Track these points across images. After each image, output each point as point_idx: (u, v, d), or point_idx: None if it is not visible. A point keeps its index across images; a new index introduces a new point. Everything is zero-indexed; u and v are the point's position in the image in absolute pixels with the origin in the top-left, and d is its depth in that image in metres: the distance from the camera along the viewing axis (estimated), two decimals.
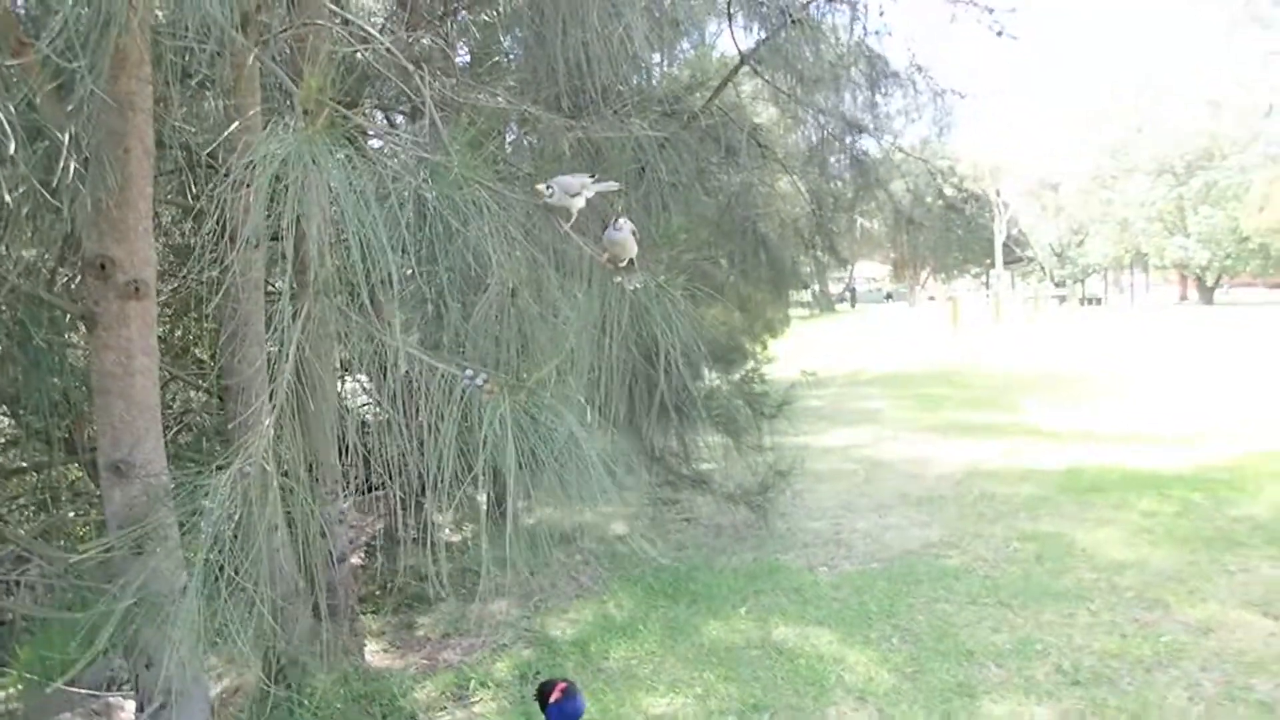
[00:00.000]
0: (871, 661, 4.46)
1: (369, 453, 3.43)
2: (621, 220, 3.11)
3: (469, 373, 2.60)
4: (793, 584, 5.64)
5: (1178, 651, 4.37)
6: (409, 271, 2.79)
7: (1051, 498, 7.38)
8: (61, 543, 4.65)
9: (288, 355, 2.54)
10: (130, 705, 4.02)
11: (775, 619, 5.08)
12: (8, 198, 2.45)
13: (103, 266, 3.00)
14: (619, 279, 3.07)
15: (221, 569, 2.44)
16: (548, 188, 2.95)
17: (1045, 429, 10.67)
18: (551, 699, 3.02)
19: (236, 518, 2.43)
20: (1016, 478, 8.18)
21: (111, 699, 4.32)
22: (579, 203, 3.01)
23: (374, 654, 4.96)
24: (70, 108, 2.59)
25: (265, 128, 3.69)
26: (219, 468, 2.47)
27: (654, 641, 4.87)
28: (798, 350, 9.14)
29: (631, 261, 3.07)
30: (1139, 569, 5.51)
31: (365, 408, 5.40)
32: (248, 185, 3.69)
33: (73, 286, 3.72)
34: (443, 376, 2.62)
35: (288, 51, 3.62)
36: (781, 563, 6.10)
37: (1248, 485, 7.27)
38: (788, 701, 4.12)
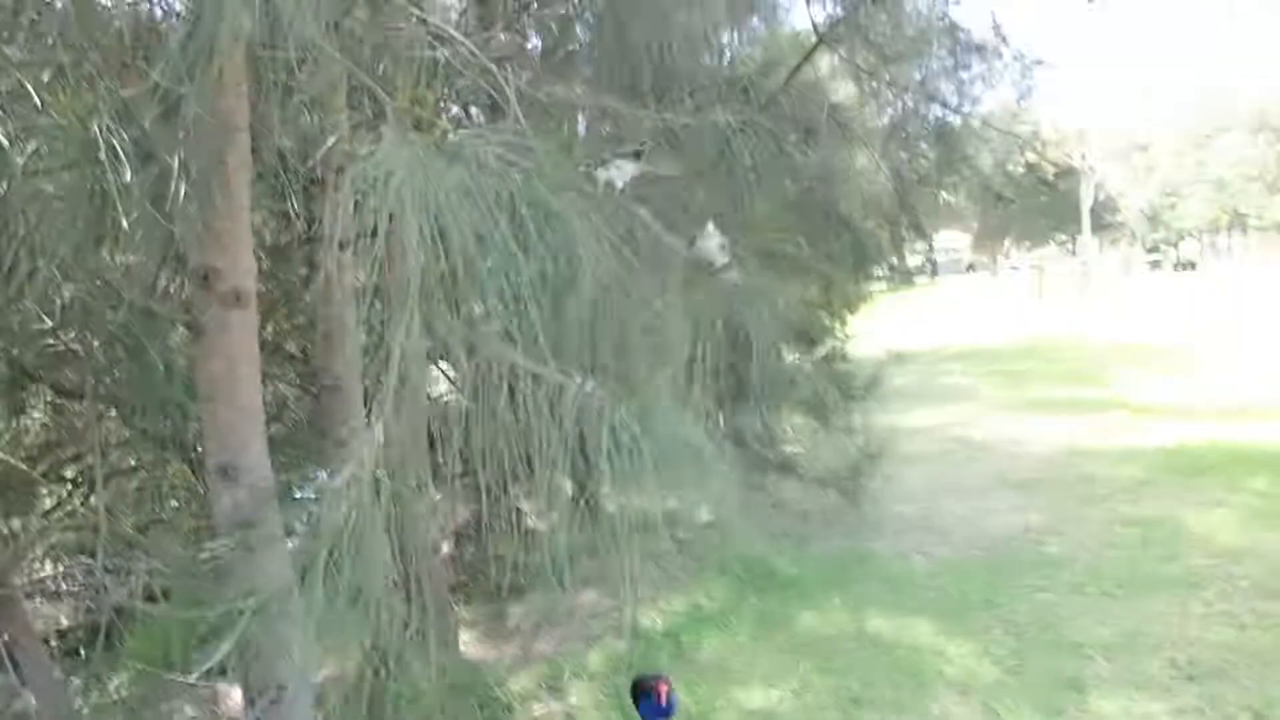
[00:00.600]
0: (972, 654, 4.36)
1: (461, 443, 3.46)
2: (709, 228, 3.11)
3: (579, 380, 2.60)
4: (886, 572, 5.55)
5: None
6: (503, 276, 2.79)
7: (1154, 478, 7.13)
8: (168, 539, 4.80)
9: (393, 363, 2.56)
10: (237, 692, 4.15)
11: (870, 609, 5.00)
12: (124, 222, 2.51)
13: (206, 277, 3.06)
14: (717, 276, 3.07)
15: (334, 567, 2.49)
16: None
17: (1141, 404, 10.32)
18: (657, 696, 3.01)
19: (349, 521, 2.47)
20: (1115, 457, 7.92)
21: (220, 687, 4.45)
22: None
23: (468, 644, 5.02)
24: (179, 132, 2.65)
25: (352, 133, 3.72)
26: (332, 473, 2.53)
27: (746, 633, 4.84)
28: (878, 326, 9.00)
29: (726, 265, 3.08)
30: (1255, 555, 5.28)
31: (451, 397, 5.45)
32: (335, 189, 3.73)
33: (178, 297, 3.82)
34: (549, 384, 2.62)
35: (369, 57, 3.64)
36: (874, 550, 6.01)
37: None
38: (887, 695, 4.05)
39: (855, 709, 3.96)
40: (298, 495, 4.93)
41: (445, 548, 6.03)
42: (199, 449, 3.81)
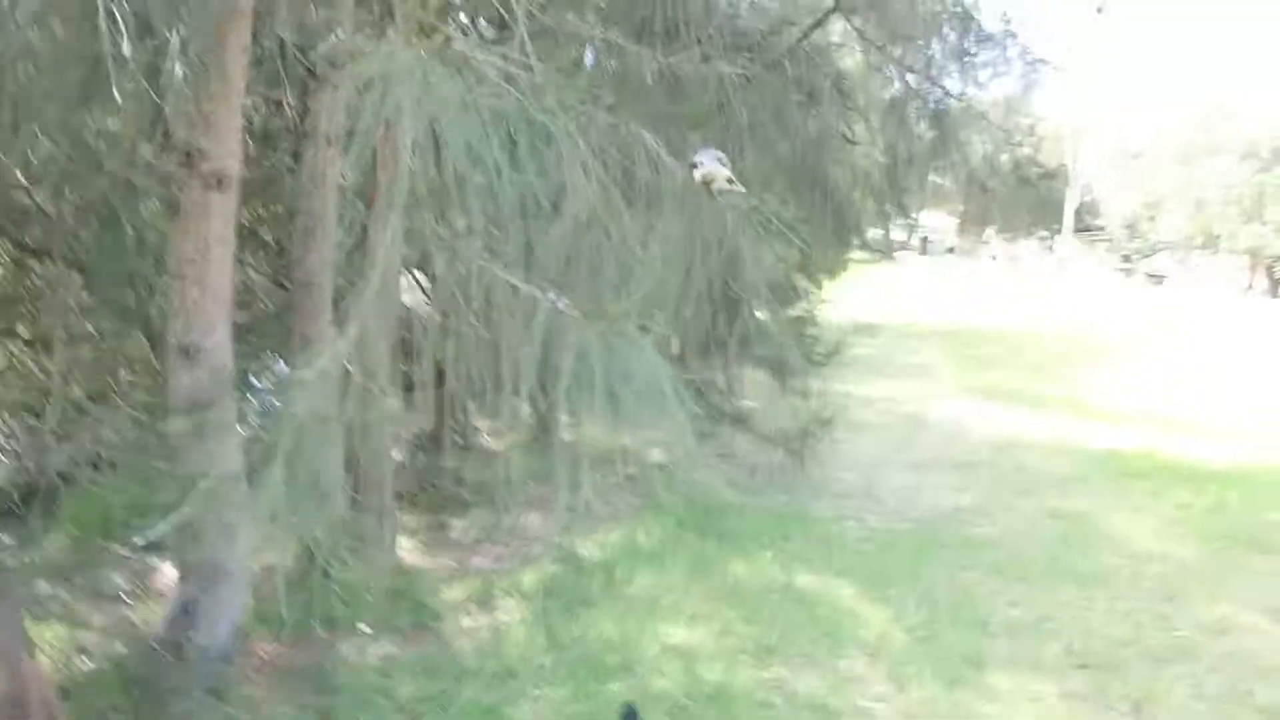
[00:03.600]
0: (887, 620, 4.55)
1: (430, 353, 3.53)
2: (698, 160, 3.14)
3: (551, 296, 2.65)
4: (820, 533, 5.72)
5: (1189, 648, 4.41)
6: (492, 192, 2.83)
7: (1088, 477, 7.37)
8: (120, 411, 4.82)
9: (375, 265, 2.61)
10: (171, 569, 4.21)
11: (799, 565, 5.17)
12: (116, 93, 2.51)
13: (190, 156, 3.09)
14: (724, 198, 3.10)
15: (290, 459, 2.54)
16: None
17: (1088, 404, 10.58)
18: None
19: (313, 413, 2.52)
20: (1056, 452, 8.16)
21: (154, 562, 4.49)
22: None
23: (407, 551, 5.12)
24: (179, 7, 2.65)
25: (358, 33, 3.71)
26: (295, 367, 2.58)
27: (678, 573, 4.99)
28: (852, 296, 9.16)
29: (729, 180, 3.10)
30: (1164, 560, 5.52)
31: (424, 306, 5.49)
32: (336, 87, 3.73)
33: (160, 172, 3.81)
34: (524, 298, 2.67)
35: None
36: (812, 510, 6.19)
37: None
38: (801, 649, 4.22)
39: (769, 657, 4.13)
40: (257, 385, 4.97)
41: (398, 454, 6.11)
42: (162, 325, 3.82)
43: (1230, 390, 12.26)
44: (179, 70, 2.86)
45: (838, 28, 7.62)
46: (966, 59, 7.49)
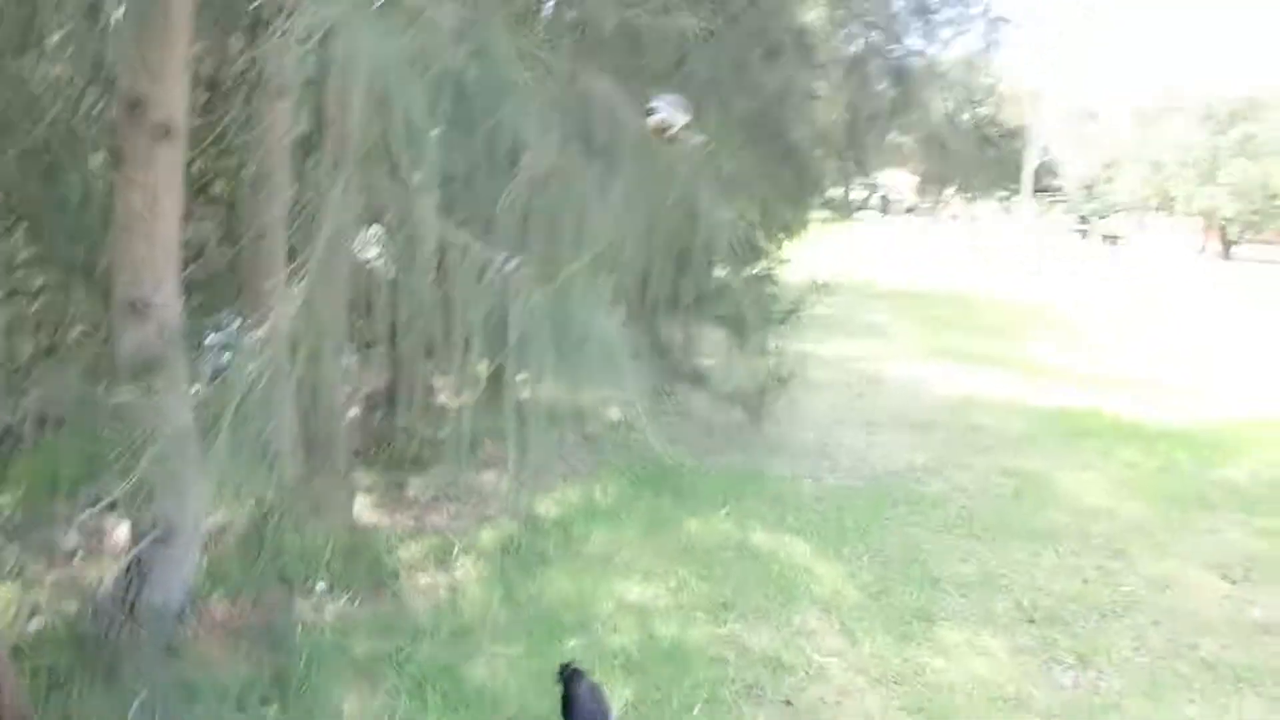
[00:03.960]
0: (840, 576, 4.62)
1: (384, 310, 3.48)
2: (655, 103, 3.10)
3: (503, 257, 2.63)
4: (775, 491, 5.77)
5: (1134, 602, 4.53)
6: (445, 146, 2.78)
7: (1039, 436, 7.49)
8: (67, 367, 4.72)
9: (325, 221, 2.56)
10: (123, 528, 4.16)
11: (754, 523, 5.22)
12: (54, 34, 2.42)
13: (135, 105, 2.99)
14: (682, 140, 3.08)
15: (242, 417, 2.51)
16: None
17: (1041, 364, 10.74)
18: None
19: (263, 374, 2.49)
20: (1009, 411, 8.28)
21: (106, 521, 4.44)
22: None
23: (363, 509, 5.10)
24: None
25: None
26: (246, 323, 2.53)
27: (634, 531, 5.02)
28: (811, 255, 9.18)
29: (686, 126, 3.08)
30: (1111, 518, 5.64)
31: (377, 261, 5.41)
32: (281, 34, 3.63)
33: (105, 123, 3.70)
34: (475, 257, 2.64)
35: None
36: (768, 468, 6.23)
37: (1232, 448, 7.37)
38: (756, 604, 4.27)
39: (724, 613, 4.18)
40: (208, 340, 4.89)
41: (354, 412, 6.06)
42: (110, 280, 3.73)
43: (1182, 351, 12.50)
44: (120, 13, 2.76)
45: None
46: (929, 16, 7.49)
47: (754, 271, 7.03)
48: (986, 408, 8.39)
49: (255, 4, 3.42)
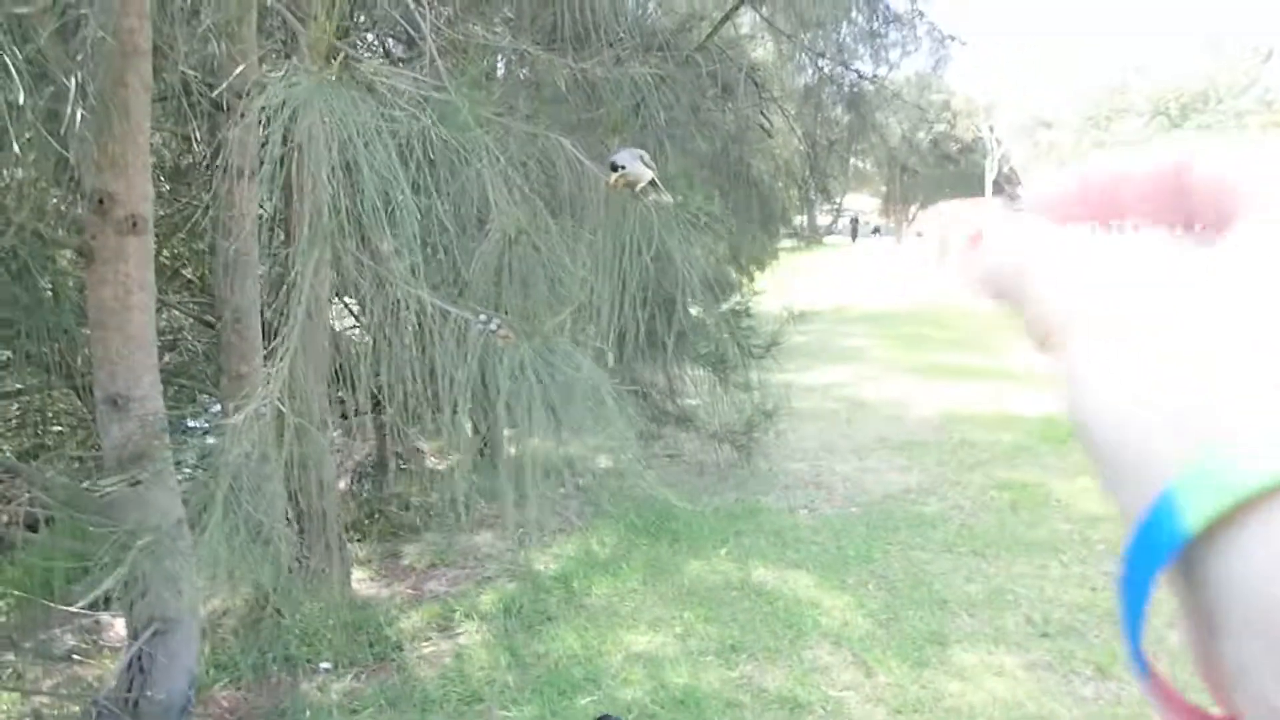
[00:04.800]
0: (848, 607, 4.58)
1: (366, 379, 3.47)
2: (616, 159, 3.12)
3: (483, 318, 2.63)
4: (773, 526, 5.74)
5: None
6: (414, 213, 2.79)
7: (1031, 446, 7.49)
8: (53, 468, 4.68)
9: (301, 298, 2.55)
10: (120, 623, 4.10)
11: (755, 560, 5.19)
12: (15, 145, 2.42)
13: (101, 201, 2.99)
14: (650, 198, 3.09)
15: (232, 503, 2.50)
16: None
17: (1026, 374, 10.77)
18: None
19: (249, 458, 2.47)
20: (996, 424, 8.29)
21: (102, 617, 4.39)
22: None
23: (360, 582, 5.04)
24: (76, 52, 2.57)
25: (263, 64, 3.63)
26: (236, 408, 2.51)
27: (636, 579, 4.98)
28: (784, 284, 9.22)
29: (654, 183, 3.09)
30: (1112, 522, 5.61)
31: (355, 331, 5.41)
32: (242, 116, 3.65)
33: (71, 220, 3.70)
34: (455, 321, 2.65)
35: None
36: (763, 504, 6.21)
37: None
38: (765, 643, 4.24)
39: (734, 655, 4.14)
40: (192, 424, 4.85)
41: (343, 484, 6.02)
42: (88, 376, 3.72)
43: None
44: (80, 115, 2.77)
45: (747, 19, 7.69)
46: (877, 40, 7.61)
47: (729, 307, 7.06)
48: (973, 422, 8.40)
49: (215, 92, 3.43)
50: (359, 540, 5.54)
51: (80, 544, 3.74)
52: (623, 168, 3.02)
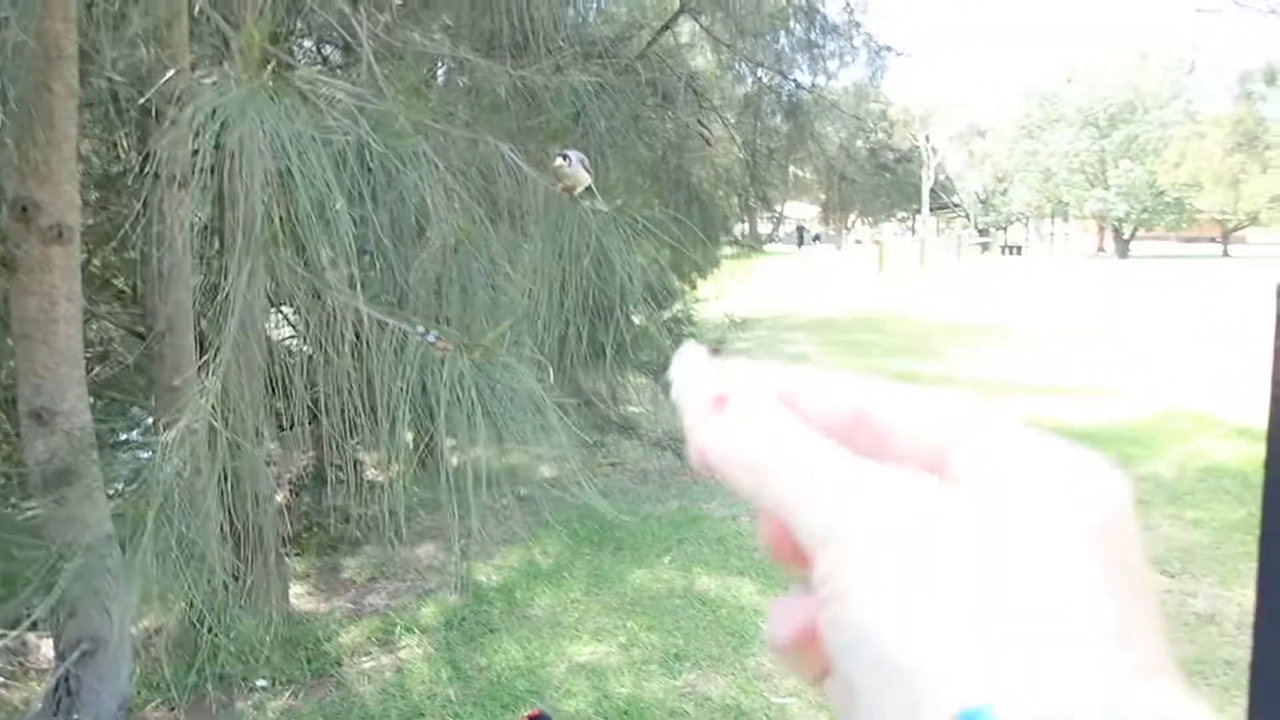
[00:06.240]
0: None
1: (303, 389, 3.41)
2: (567, 152, 3.12)
3: (421, 329, 2.61)
4: (716, 533, 5.76)
5: None
6: (351, 223, 2.75)
7: None
8: None
9: (234, 308, 2.50)
10: (47, 644, 3.98)
11: (698, 568, 5.19)
12: None
13: (24, 210, 2.91)
14: (586, 203, 3.10)
15: (165, 521, 2.44)
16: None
17: (964, 378, 10.96)
18: None
19: (182, 474, 2.42)
20: None
21: (29, 638, 4.25)
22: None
23: (299, 596, 4.95)
24: None
25: (195, 70, 3.56)
26: (168, 422, 2.46)
27: (579, 589, 4.95)
28: (726, 291, 9.28)
29: (590, 189, 3.10)
30: None
31: (292, 341, 5.32)
32: (173, 123, 3.58)
33: None
34: (393, 332, 2.62)
35: None
36: (705, 510, 6.22)
37: (1153, 443, 7.58)
38: (709, 652, 4.24)
39: (677, 663, 4.13)
40: (123, 438, 4.73)
41: (280, 497, 5.90)
42: (12, 390, 3.62)
43: (1091, 351, 12.88)
44: (1, 121, 2.69)
45: (686, 28, 7.74)
46: (814, 50, 7.70)
47: (671, 314, 7.07)
48: None
49: (144, 98, 3.35)
50: (297, 554, 5.44)
51: (7, 562, 3.63)
52: (567, 158, 3.03)
